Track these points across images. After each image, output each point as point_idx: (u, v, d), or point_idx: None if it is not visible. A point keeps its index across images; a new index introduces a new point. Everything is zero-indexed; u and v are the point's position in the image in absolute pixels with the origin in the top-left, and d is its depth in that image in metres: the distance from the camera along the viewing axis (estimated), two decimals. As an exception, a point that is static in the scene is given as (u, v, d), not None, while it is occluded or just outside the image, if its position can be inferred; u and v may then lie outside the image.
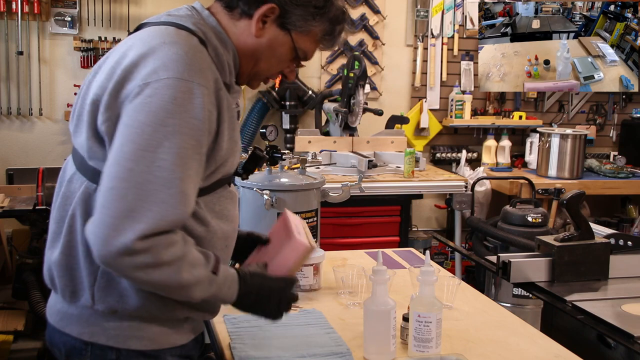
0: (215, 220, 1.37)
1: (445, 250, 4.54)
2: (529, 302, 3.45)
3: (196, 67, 1.26)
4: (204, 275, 1.28)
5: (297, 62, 1.46)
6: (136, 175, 1.19)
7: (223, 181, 1.41)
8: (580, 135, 4.25)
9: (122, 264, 1.19)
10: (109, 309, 1.32)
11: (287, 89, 4.31)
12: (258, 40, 1.38)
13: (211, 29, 1.37)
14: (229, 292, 1.35)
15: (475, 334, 1.67)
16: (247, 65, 1.42)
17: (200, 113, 1.24)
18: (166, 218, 1.20)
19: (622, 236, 2.19)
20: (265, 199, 2.01)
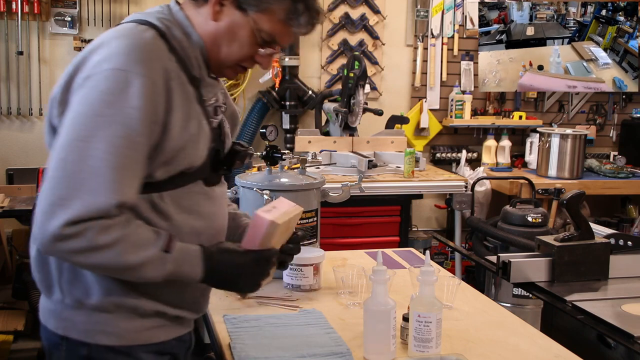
0: (181, 215, 1.37)
1: (445, 250, 4.54)
2: (529, 302, 3.45)
3: (138, 57, 1.26)
4: (153, 255, 1.28)
5: (266, 46, 1.40)
6: (70, 165, 1.23)
7: (191, 176, 1.39)
8: (580, 135, 4.25)
9: (57, 249, 1.23)
10: (77, 303, 1.35)
11: (287, 89, 4.31)
12: (217, 24, 1.37)
13: (177, 23, 1.38)
14: (192, 269, 1.34)
15: (475, 334, 1.67)
16: (213, 53, 1.40)
17: (137, 102, 1.24)
18: (93, 206, 1.22)
19: (622, 236, 2.19)
20: (265, 199, 2.01)
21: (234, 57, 1.41)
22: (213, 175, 1.47)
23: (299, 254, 1.53)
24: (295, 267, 1.92)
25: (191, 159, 1.37)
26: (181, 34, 1.37)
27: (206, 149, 1.41)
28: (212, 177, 1.47)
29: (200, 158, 1.40)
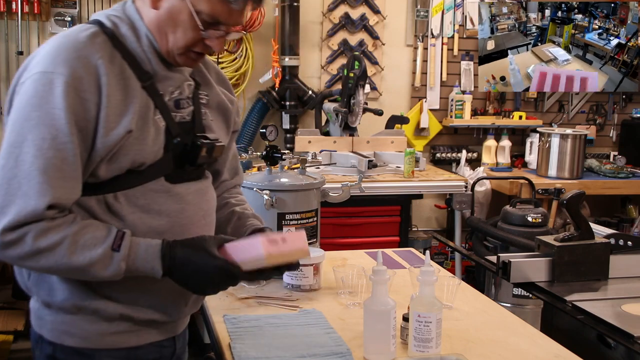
0: (136, 215, 1.34)
1: (445, 250, 4.54)
2: (529, 302, 3.45)
3: (64, 57, 1.26)
4: (100, 254, 1.27)
5: (211, 28, 1.35)
6: (6, 172, 1.24)
7: (146, 174, 1.35)
8: (580, 135, 4.25)
9: (6, 256, 1.26)
10: (44, 302, 1.38)
11: (287, 89, 4.31)
12: (157, 12, 1.34)
13: (126, 19, 1.37)
14: (147, 264, 1.30)
15: (475, 334, 1.67)
16: (162, 43, 1.36)
17: (62, 102, 1.24)
18: (25, 210, 1.23)
19: (622, 236, 2.19)
20: (265, 199, 2.01)
21: (181, 44, 1.35)
22: (180, 171, 1.41)
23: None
24: (295, 267, 1.92)
25: (136, 156, 1.33)
26: (128, 30, 1.36)
27: (160, 145, 1.36)
28: (179, 173, 1.41)
29: (152, 154, 1.35)
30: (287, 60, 4.28)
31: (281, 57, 4.29)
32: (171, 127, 1.38)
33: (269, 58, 4.30)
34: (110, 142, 1.29)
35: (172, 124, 1.39)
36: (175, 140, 1.39)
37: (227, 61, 4.26)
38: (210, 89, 1.52)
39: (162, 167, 1.37)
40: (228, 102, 1.56)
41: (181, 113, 1.42)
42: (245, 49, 4.26)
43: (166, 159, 1.38)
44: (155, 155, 1.36)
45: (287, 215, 2.05)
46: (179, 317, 1.48)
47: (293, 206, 2.06)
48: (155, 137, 1.35)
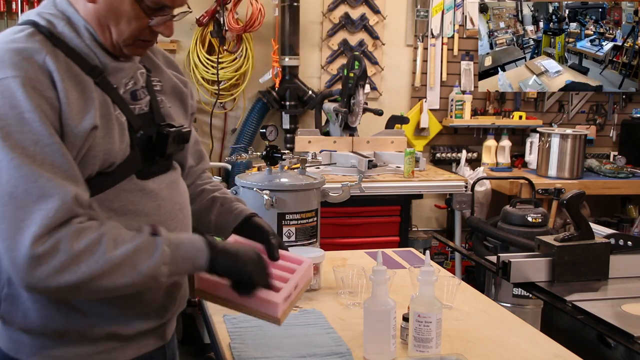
0: (113, 220, 1.25)
1: (445, 250, 4.54)
2: (529, 302, 3.45)
3: (9, 61, 1.17)
4: (143, 241, 1.20)
5: (157, 14, 1.28)
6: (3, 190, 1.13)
7: (116, 174, 1.28)
8: (580, 135, 4.25)
9: (39, 276, 1.12)
10: (20, 328, 1.28)
11: (287, 89, 4.31)
12: (95, 5, 1.26)
13: (61, 14, 1.28)
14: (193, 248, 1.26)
15: (475, 334, 1.67)
16: (104, 36, 1.28)
17: (28, 103, 1.15)
18: (52, 208, 1.13)
19: (622, 236, 2.19)
20: (265, 199, 2.01)
21: (127, 35, 1.28)
22: (149, 165, 1.34)
23: None
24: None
25: (105, 156, 1.25)
26: (65, 26, 1.26)
27: (126, 142, 1.29)
28: (148, 168, 1.34)
29: (121, 152, 1.28)
30: (287, 60, 4.28)
31: (281, 57, 4.29)
32: (132, 121, 1.31)
33: (269, 58, 4.30)
34: (77, 141, 1.20)
35: (132, 117, 1.32)
36: (138, 134, 1.31)
37: (227, 61, 4.26)
38: (161, 74, 1.44)
39: (132, 164, 1.30)
40: (182, 85, 1.49)
41: (139, 104, 1.34)
42: (245, 49, 4.26)
43: (134, 155, 1.30)
44: (124, 153, 1.28)
45: (287, 215, 2.05)
46: (168, 319, 1.43)
47: (293, 206, 2.06)
48: (121, 134, 1.28)
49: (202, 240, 1.28)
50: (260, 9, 4.07)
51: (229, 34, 4.17)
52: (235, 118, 4.47)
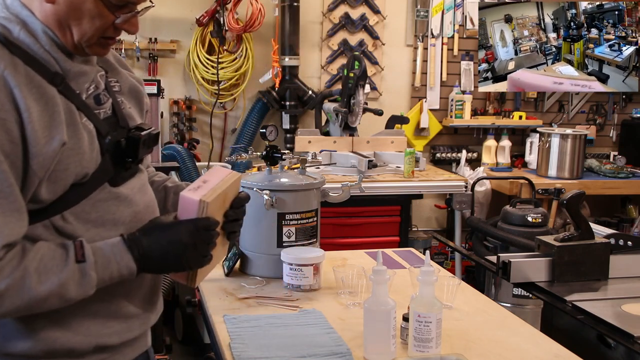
0: (91, 232, 1.23)
1: (445, 250, 4.54)
2: (529, 302, 3.45)
3: None
4: (69, 272, 1.15)
5: (121, 11, 1.23)
6: None
7: (89, 184, 1.23)
8: (580, 135, 4.25)
9: None
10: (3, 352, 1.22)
11: (287, 89, 4.31)
12: (54, 6, 1.18)
13: (15, 18, 1.19)
14: (121, 264, 1.21)
15: (475, 334, 1.67)
16: (65, 37, 1.21)
17: None
18: None
19: (622, 236, 2.19)
20: (265, 199, 2.01)
21: (90, 34, 1.22)
22: (120, 170, 1.29)
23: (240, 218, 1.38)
24: (295, 267, 1.92)
25: (77, 168, 1.20)
26: (21, 30, 1.18)
27: (97, 150, 1.24)
28: (120, 174, 1.29)
29: (92, 161, 1.23)
30: (287, 60, 4.28)
31: (281, 57, 4.29)
32: (100, 127, 1.26)
33: (269, 58, 4.30)
34: (47, 161, 1.14)
35: (99, 123, 1.26)
36: (107, 139, 1.26)
37: (227, 61, 4.26)
38: (118, 75, 1.38)
39: (104, 172, 1.25)
40: (138, 84, 1.43)
41: (103, 108, 1.28)
42: (245, 49, 4.26)
43: (105, 162, 1.25)
44: (96, 161, 1.23)
45: (287, 215, 2.05)
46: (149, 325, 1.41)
47: (293, 206, 2.06)
48: (90, 143, 1.22)
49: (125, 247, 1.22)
50: (260, 9, 4.07)
51: (229, 34, 4.17)
52: (235, 118, 4.47)
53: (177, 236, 1.25)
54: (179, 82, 4.36)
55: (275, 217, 2.05)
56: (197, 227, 1.25)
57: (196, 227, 1.25)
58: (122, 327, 1.31)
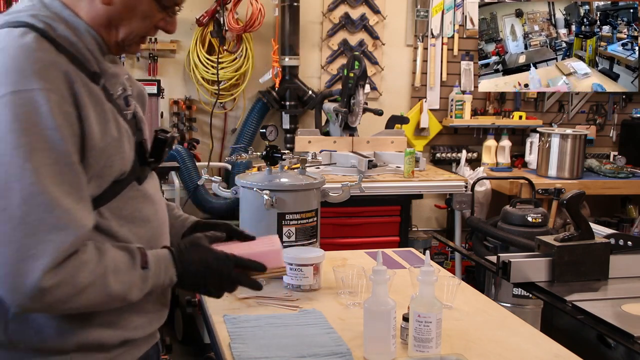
0: (125, 228, 1.27)
1: (445, 250, 4.54)
2: (529, 302, 3.45)
3: (31, 70, 1.11)
4: (135, 277, 1.22)
5: (169, 12, 1.30)
6: (14, 212, 1.08)
7: (124, 181, 1.27)
8: (580, 135, 4.25)
9: (43, 304, 1.12)
10: (31, 348, 1.23)
11: (287, 89, 4.31)
12: (109, 7, 1.23)
13: (56, 16, 1.21)
14: (167, 276, 1.28)
15: (475, 334, 1.67)
16: (110, 37, 1.26)
17: (53, 121, 1.11)
18: (65, 242, 1.11)
19: (622, 236, 2.19)
20: (265, 199, 2.01)
21: (137, 33, 1.28)
22: (142, 170, 1.34)
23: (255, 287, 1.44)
24: (295, 267, 1.92)
25: (120, 165, 1.24)
26: (65, 29, 1.20)
27: (132, 148, 1.29)
28: (142, 173, 1.34)
29: (129, 160, 1.27)
30: (287, 60, 4.28)
31: (281, 57, 4.29)
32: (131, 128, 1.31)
33: (269, 58, 4.30)
34: (100, 155, 1.19)
35: (130, 124, 1.30)
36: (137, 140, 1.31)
37: (227, 61, 4.26)
38: (130, 79, 1.41)
39: (135, 171, 1.30)
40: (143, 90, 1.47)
41: (130, 110, 1.32)
42: (245, 49, 4.26)
43: (135, 161, 1.30)
44: (131, 160, 1.28)
45: (287, 215, 2.05)
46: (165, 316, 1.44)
47: (293, 206, 2.06)
48: (128, 142, 1.27)
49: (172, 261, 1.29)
50: (260, 9, 4.07)
51: (229, 34, 4.17)
52: (235, 118, 4.47)
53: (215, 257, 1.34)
54: (179, 82, 4.36)
55: (275, 217, 2.05)
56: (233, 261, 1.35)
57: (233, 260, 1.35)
58: (144, 322, 1.34)
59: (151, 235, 1.33)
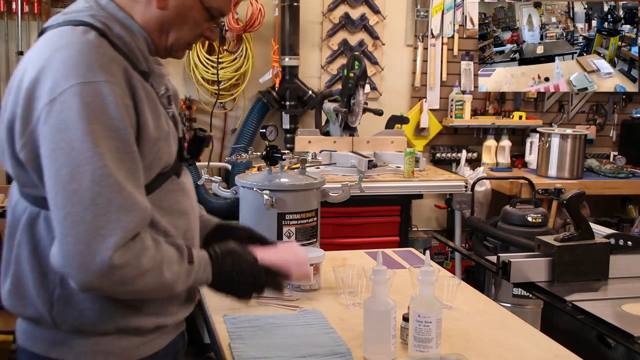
0: (165, 219, 1.33)
1: (445, 250, 4.54)
2: (529, 302, 3.45)
3: (97, 64, 1.19)
4: (183, 270, 1.29)
5: (215, 22, 1.39)
6: (85, 194, 1.15)
7: (166, 174, 1.35)
8: (580, 135, 4.25)
9: (107, 283, 1.18)
10: (73, 329, 1.29)
11: (287, 89, 4.31)
12: (163, 12, 1.31)
13: (112, 17, 1.29)
14: (204, 275, 1.35)
15: (475, 334, 1.67)
16: (160, 40, 1.35)
17: (117, 112, 1.19)
18: (131, 222, 1.18)
19: (622, 236, 2.19)
20: (265, 199, 2.01)
21: (186, 39, 1.37)
22: (180, 166, 1.42)
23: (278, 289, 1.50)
24: (295, 267, 1.92)
25: (167, 158, 1.33)
26: (120, 29, 1.28)
27: (176, 144, 1.37)
28: (180, 168, 1.43)
29: (174, 154, 1.36)
30: (287, 60, 4.28)
31: (281, 57, 4.29)
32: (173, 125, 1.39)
33: (269, 58, 4.30)
34: (153, 147, 1.27)
35: (174, 121, 1.40)
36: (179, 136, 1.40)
37: (227, 61, 4.26)
38: (169, 81, 1.48)
39: (174, 165, 1.38)
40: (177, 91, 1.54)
41: (171, 109, 1.40)
42: (245, 49, 4.26)
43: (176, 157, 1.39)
44: (175, 154, 1.37)
45: (287, 215, 2.05)
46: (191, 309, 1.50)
47: (293, 206, 2.06)
48: (174, 137, 1.36)
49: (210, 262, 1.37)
50: (260, 9, 4.07)
51: (229, 34, 4.17)
52: (235, 118, 4.47)
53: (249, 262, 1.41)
54: (179, 82, 4.36)
55: (275, 217, 2.05)
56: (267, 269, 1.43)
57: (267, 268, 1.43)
58: (176, 310, 1.40)
59: (187, 228, 1.39)
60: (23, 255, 1.28)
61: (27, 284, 1.28)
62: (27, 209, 1.28)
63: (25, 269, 1.28)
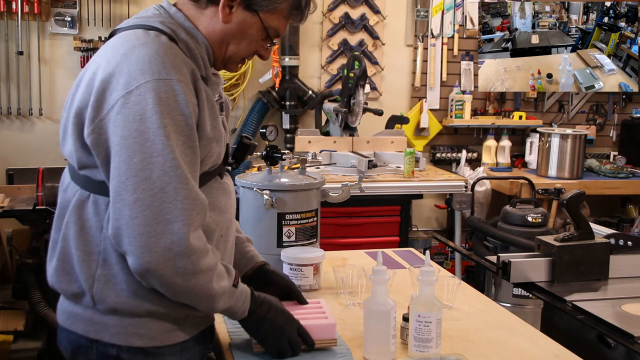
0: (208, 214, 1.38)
1: (445, 250, 4.55)
2: (529, 302, 3.45)
3: (170, 63, 1.29)
4: (228, 287, 1.36)
5: (269, 41, 1.48)
6: (155, 182, 1.25)
7: (212, 173, 1.45)
8: (580, 135, 4.25)
9: (163, 268, 1.26)
10: (109, 309, 1.35)
11: (287, 89, 4.31)
12: (226, 25, 1.41)
13: (179, 25, 1.40)
14: (242, 306, 1.42)
15: (475, 334, 1.67)
16: (220, 51, 1.45)
17: (187, 109, 1.29)
18: (194, 211, 1.27)
19: (622, 236, 2.19)
20: (265, 199, 2.01)
21: (242, 54, 1.47)
22: (223, 168, 1.52)
23: None
24: (295, 267, 1.92)
25: (217, 157, 1.44)
26: (186, 36, 1.39)
27: (224, 146, 1.49)
28: (223, 171, 1.52)
29: (222, 155, 1.47)
30: (287, 60, 4.28)
31: (281, 57, 4.29)
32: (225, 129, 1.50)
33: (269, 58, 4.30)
34: (207, 144, 1.37)
35: (225, 126, 1.50)
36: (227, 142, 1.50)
37: (227, 61, 4.26)
38: (222, 90, 1.58)
39: (219, 167, 1.49)
40: (229, 101, 1.64)
41: (222, 115, 1.51)
42: (245, 49, 4.26)
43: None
44: (223, 155, 1.48)
45: (287, 215, 2.05)
46: None
47: (293, 206, 2.06)
48: (224, 140, 1.47)
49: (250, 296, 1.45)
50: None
51: (229, 34, 4.17)
52: (235, 118, 4.47)
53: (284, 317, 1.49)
54: (179, 82, 4.35)
55: (275, 217, 2.05)
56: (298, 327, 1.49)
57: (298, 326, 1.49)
58: None
59: (226, 225, 1.47)
60: (70, 235, 1.36)
61: (72, 261, 1.37)
62: (77, 192, 1.37)
63: (71, 247, 1.36)
